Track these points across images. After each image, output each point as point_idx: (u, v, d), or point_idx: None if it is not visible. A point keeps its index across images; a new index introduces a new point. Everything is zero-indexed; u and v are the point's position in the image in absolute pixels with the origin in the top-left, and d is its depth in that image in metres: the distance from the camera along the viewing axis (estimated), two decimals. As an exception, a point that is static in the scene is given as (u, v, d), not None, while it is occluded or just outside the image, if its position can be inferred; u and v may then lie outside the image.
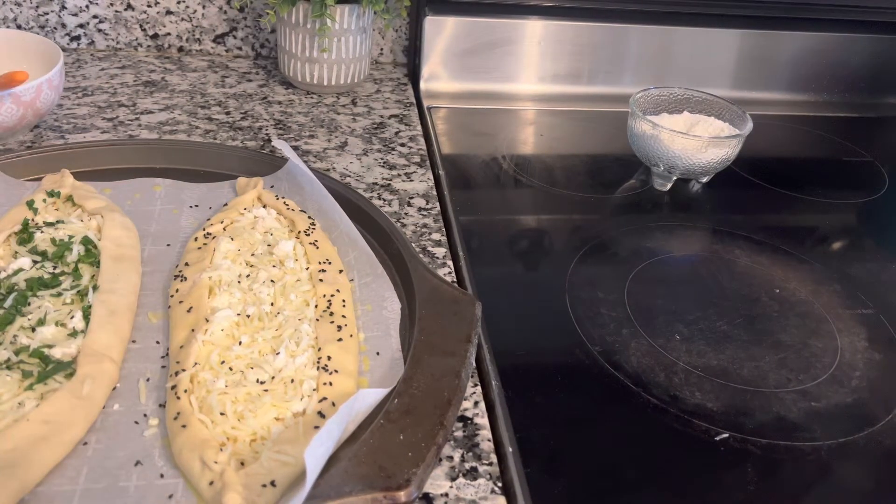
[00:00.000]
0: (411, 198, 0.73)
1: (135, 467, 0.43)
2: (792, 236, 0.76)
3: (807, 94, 1.09)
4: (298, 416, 0.46)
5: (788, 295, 0.67)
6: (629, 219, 0.77)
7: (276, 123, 0.85)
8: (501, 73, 1.01)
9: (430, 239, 0.67)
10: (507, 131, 0.94)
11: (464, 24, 0.97)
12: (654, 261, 0.70)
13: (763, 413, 0.54)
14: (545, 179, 0.83)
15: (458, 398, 0.48)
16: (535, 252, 0.72)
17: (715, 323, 0.63)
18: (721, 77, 1.05)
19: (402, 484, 0.41)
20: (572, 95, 1.02)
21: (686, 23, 1.02)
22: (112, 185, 0.67)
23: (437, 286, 0.56)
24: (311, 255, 0.59)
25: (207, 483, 0.41)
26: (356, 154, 0.80)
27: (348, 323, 0.53)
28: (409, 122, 0.89)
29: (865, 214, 0.85)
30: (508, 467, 0.47)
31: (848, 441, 0.53)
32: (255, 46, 1.03)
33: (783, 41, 1.05)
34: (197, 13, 0.99)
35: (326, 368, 0.49)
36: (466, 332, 0.53)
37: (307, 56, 0.90)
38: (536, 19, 0.99)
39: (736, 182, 0.86)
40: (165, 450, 0.44)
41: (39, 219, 0.61)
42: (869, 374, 0.59)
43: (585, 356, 0.58)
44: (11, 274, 0.54)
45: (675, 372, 0.57)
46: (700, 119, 0.84)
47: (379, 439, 0.44)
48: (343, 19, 0.87)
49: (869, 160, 0.96)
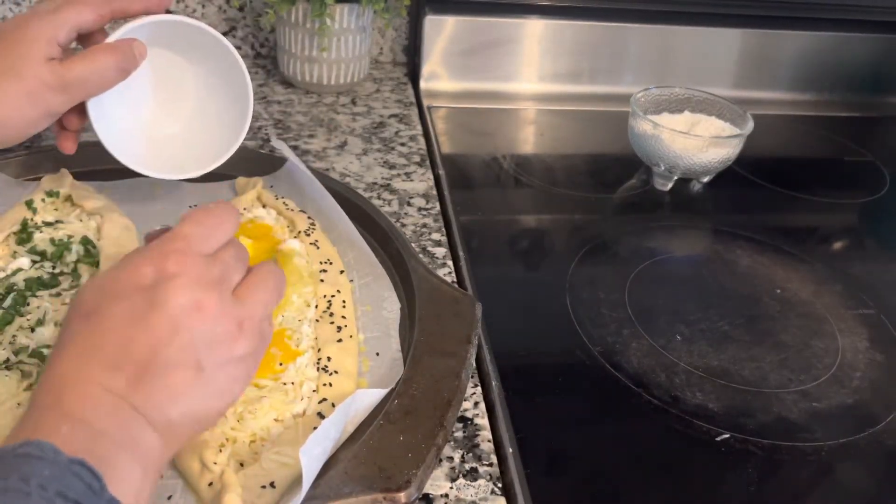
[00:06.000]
0: (411, 197, 0.73)
1: (134, 468, 0.43)
2: (793, 236, 0.76)
3: (808, 94, 1.09)
4: (298, 417, 0.46)
5: (790, 295, 0.67)
6: (630, 219, 0.77)
7: (275, 123, 0.85)
8: (501, 73, 1.01)
9: (429, 239, 0.67)
10: (508, 131, 0.94)
11: (464, 24, 0.97)
12: (655, 261, 0.70)
13: (764, 414, 0.54)
14: (545, 179, 0.83)
15: (458, 399, 0.48)
16: (535, 252, 0.72)
17: (716, 323, 0.63)
18: (722, 77, 1.05)
19: (402, 485, 0.41)
20: (573, 95, 1.02)
21: (687, 22, 1.01)
22: (112, 185, 0.66)
23: (437, 286, 0.56)
24: (312, 256, 0.59)
25: (206, 484, 0.41)
26: (356, 154, 0.80)
27: (348, 324, 0.53)
28: (409, 121, 0.89)
29: (867, 214, 0.85)
30: (509, 468, 0.47)
31: (849, 441, 0.53)
32: (255, 46, 1.03)
33: (784, 41, 1.05)
34: (196, 12, 0.99)
35: (326, 369, 0.49)
36: (466, 333, 0.52)
37: (307, 55, 0.90)
38: (536, 19, 0.98)
39: (737, 182, 0.86)
40: (164, 451, 0.44)
41: (38, 219, 0.60)
42: (870, 374, 0.59)
43: (586, 356, 0.58)
44: (10, 274, 0.54)
45: (676, 372, 0.57)
46: (701, 119, 0.84)
47: (379, 440, 0.44)
48: (342, 18, 0.87)
49: (870, 160, 0.96)
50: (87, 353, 0.35)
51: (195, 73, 0.60)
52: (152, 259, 0.37)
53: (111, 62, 0.52)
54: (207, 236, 0.39)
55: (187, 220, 0.40)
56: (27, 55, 0.50)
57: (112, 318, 0.35)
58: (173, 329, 0.35)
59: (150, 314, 0.35)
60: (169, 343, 0.35)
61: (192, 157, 0.60)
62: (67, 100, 0.52)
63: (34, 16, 0.51)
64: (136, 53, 0.53)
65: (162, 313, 0.35)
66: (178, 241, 0.38)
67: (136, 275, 0.37)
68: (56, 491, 0.28)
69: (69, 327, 0.36)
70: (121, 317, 0.35)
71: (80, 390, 0.34)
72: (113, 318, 0.35)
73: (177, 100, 0.61)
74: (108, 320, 0.35)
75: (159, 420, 0.35)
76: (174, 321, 0.35)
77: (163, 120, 0.61)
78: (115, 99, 0.56)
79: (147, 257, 0.37)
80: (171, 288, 0.36)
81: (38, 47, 0.50)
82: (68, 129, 0.57)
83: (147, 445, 0.34)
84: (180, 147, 0.61)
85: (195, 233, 0.39)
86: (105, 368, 0.34)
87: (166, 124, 0.61)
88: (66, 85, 0.51)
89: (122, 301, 0.36)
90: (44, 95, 0.50)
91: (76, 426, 0.33)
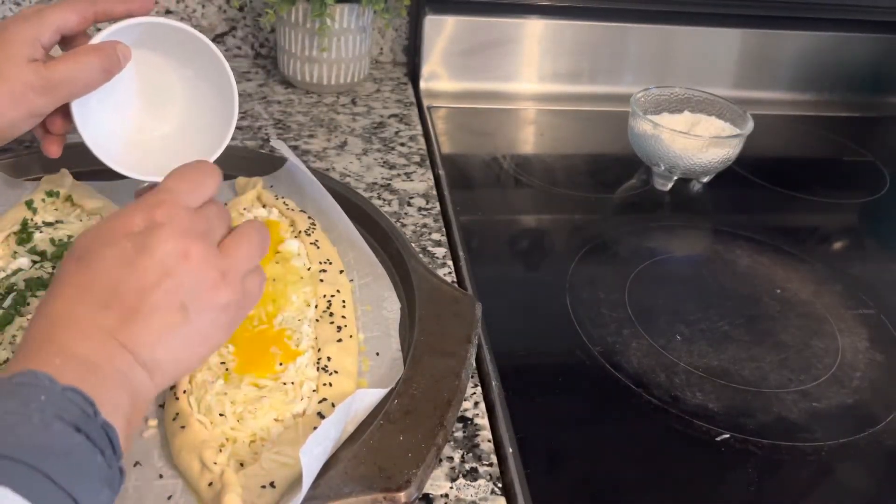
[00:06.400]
0: (411, 197, 0.73)
1: (133, 468, 0.43)
2: (793, 236, 0.76)
3: (808, 94, 1.09)
4: (298, 417, 0.46)
5: (790, 295, 0.67)
6: (630, 219, 0.77)
7: (275, 123, 0.85)
8: (501, 73, 1.01)
9: (429, 239, 0.67)
10: (507, 131, 0.94)
11: (464, 24, 0.97)
12: (654, 261, 0.70)
13: (764, 414, 0.54)
14: (545, 179, 0.83)
15: (458, 399, 0.48)
16: (535, 252, 0.72)
17: (716, 323, 0.63)
18: (722, 76, 1.05)
19: (402, 485, 0.41)
20: (573, 95, 1.02)
21: (687, 22, 1.01)
22: (112, 184, 0.66)
23: (437, 286, 0.56)
24: (312, 255, 0.59)
25: (206, 484, 0.41)
26: (356, 154, 0.80)
27: (348, 323, 0.53)
28: (409, 121, 0.89)
29: (866, 214, 0.85)
30: (509, 468, 0.47)
31: (849, 441, 0.53)
32: (255, 46, 1.03)
33: (784, 41, 1.05)
34: (196, 12, 0.99)
35: (326, 369, 0.49)
36: (466, 333, 0.52)
37: (307, 55, 0.90)
38: (536, 19, 0.98)
39: (737, 182, 0.86)
40: (164, 450, 0.44)
41: (38, 219, 0.60)
42: (870, 374, 0.59)
43: (586, 356, 0.58)
44: (10, 274, 0.54)
45: (676, 372, 0.57)
46: (701, 119, 0.84)
47: (379, 440, 0.44)
48: (343, 18, 0.87)
49: (870, 160, 0.96)
50: (79, 293, 0.37)
51: (181, 75, 0.60)
52: (142, 209, 0.39)
53: (95, 63, 0.52)
54: (192, 190, 0.42)
55: (174, 174, 0.42)
56: (10, 56, 0.50)
57: (103, 260, 0.37)
58: (161, 273, 0.37)
59: (138, 258, 0.37)
60: (156, 286, 0.37)
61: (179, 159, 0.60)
62: (50, 101, 0.52)
63: (17, 18, 0.52)
64: (119, 55, 0.53)
65: (150, 258, 0.37)
66: (166, 194, 0.41)
67: (127, 222, 0.39)
68: (54, 414, 0.31)
69: (63, 270, 0.38)
70: (111, 260, 0.37)
71: (73, 327, 0.36)
72: (104, 260, 0.37)
73: (163, 102, 0.61)
74: (100, 263, 0.37)
75: (146, 357, 0.37)
76: (161, 266, 0.38)
77: (149, 122, 0.61)
78: (100, 101, 0.56)
79: (138, 207, 0.40)
80: (159, 235, 0.38)
81: (20, 48, 0.50)
82: (52, 133, 0.57)
83: (135, 379, 0.36)
84: (167, 149, 0.61)
85: (181, 188, 0.41)
86: (96, 307, 0.36)
87: (152, 126, 0.61)
88: (50, 86, 0.50)
89: (113, 246, 0.38)
90: (26, 96, 0.50)
91: (68, 359, 0.34)
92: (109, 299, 0.36)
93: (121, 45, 0.53)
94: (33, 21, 0.52)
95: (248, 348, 0.50)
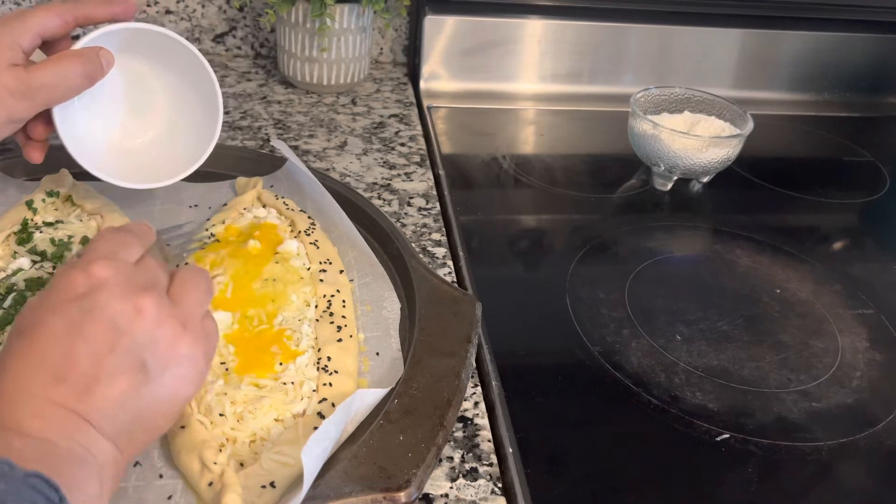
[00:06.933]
0: (411, 197, 0.73)
1: (133, 468, 0.43)
2: (793, 236, 0.76)
3: (807, 94, 1.09)
4: (298, 417, 0.46)
5: (789, 295, 0.67)
6: (630, 219, 0.77)
7: (275, 123, 0.85)
8: (501, 73, 1.01)
9: (430, 239, 0.67)
10: (507, 131, 0.94)
11: (464, 24, 0.97)
12: (654, 261, 0.70)
13: (764, 413, 0.54)
14: (545, 179, 0.83)
15: (458, 399, 0.48)
16: (535, 252, 0.72)
17: (716, 323, 0.63)
18: (722, 77, 1.05)
19: (402, 485, 0.41)
20: (573, 95, 1.02)
21: (686, 22, 1.02)
22: (112, 185, 0.66)
23: (437, 286, 0.56)
24: (312, 255, 0.59)
25: (206, 484, 0.41)
26: (356, 154, 0.80)
27: (348, 323, 0.53)
28: (409, 121, 0.89)
29: (866, 214, 0.85)
30: (509, 468, 0.47)
31: (849, 441, 0.53)
32: (255, 46, 1.03)
33: (784, 41, 1.05)
34: (196, 12, 0.99)
35: (326, 369, 0.49)
36: (466, 333, 0.53)
37: (307, 55, 0.90)
38: (536, 19, 0.98)
39: (737, 182, 0.86)
40: (164, 450, 0.44)
41: (39, 219, 0.60)
42: (870, 374, 0.59)
43: (586, 356, 0.58)
44: (11, 274, 0.54)
45: (676, 372, 0.57)
46: (701, 119, 0.84)
47: (379, 440, 0.44)
48: (343, 19, 0.87)
49: (869, 160, 0.96)
50: (30, 369, 0.34)
51: (165, 80, 0.59)
52: (79, 269, 0.37)
53: (77, 69, 0.51)
54: (127, 244, 0.40)
55: (99, 236, 0.40)
56: None
57: (50, 331, 0.35)
58: (113, 335, 0.35)
59: (87, 322, 0.35)
60: (110, 350, 0.35)
61: (164, 165, 0.59)
62: (31, 106, 0.51)
63: None
64: (102, 61, 0.52)
65: (99, 320, 0.35)
66: (101, 250, 0.39)
67: (67, 286, 0.37)
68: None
69: (8, 348, 0.36)
70: (58, 329, 0.35)
71: (27, 405, 0.33)
72: (51, 331, 0.35)
73: (147, 108, 0.60)
74: (46, 334, 0.35)
75: (110, 428, 0.35)
76: (113, 326, 0.35)
77: (133, 128, 0.60)
78: (83, 107, 0.55)
79: (75, 268, 0.37)
80: (104, 293, 0.36)
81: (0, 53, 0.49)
82: (34, 139, 0.56)
83: (101, 454, 0.34)
84: (152, 155, 0.60)
85: (115, 240, 0.40)
86: (49, 382, 0.34)
87: (137, 132, 0.60)
88: (29, 91, 0.50)
89: (57, 314, 0.36)
90: (5, 101, 0.49)
91: (27, 441, 0.32)
92: (62, 371, 0.34)
93: (104, 51, 0.53)
94: (13, 25, 0.50)
95: (248, 348, 0.50)
